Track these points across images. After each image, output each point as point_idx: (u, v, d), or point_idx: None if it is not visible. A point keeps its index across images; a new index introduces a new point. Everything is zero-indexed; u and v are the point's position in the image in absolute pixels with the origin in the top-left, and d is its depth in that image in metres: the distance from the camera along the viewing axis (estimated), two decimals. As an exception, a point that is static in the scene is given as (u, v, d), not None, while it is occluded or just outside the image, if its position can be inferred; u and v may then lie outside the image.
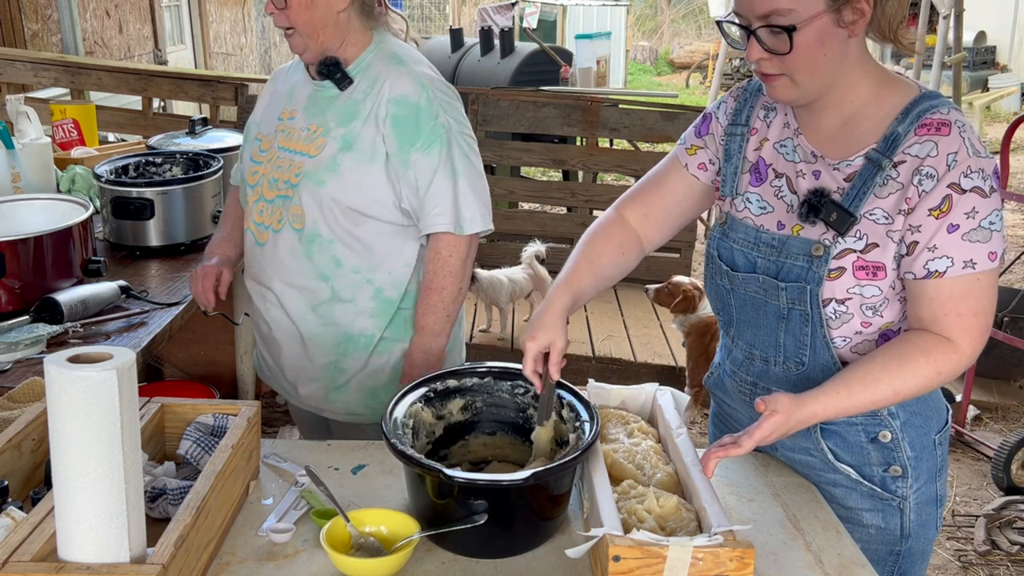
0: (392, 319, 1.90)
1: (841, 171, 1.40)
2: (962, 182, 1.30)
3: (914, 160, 1.33)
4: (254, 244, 1.93)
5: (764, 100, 1.54)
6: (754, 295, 1.49)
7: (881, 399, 1.34)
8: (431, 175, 1.79)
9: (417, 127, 1.78)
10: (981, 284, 1.32)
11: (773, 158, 1.50)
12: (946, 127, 1.33)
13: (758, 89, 1.56)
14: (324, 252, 1.84)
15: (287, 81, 1.97)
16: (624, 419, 1.53)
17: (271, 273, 1.90)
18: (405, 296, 1.90)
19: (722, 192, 1.57)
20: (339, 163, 1.79)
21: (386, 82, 1.80)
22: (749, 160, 1.53)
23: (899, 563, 1.55)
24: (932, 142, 1.32)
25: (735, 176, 1.54)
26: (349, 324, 1.88)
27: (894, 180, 1.35)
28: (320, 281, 1.86)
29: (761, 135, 1.53)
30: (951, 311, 1.33)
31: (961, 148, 1.31)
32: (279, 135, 1.89)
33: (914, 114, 1.35)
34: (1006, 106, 12.31)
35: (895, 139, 1.35)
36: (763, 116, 1.53)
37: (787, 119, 1.50)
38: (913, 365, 1.33)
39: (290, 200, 1.83)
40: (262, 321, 1.98)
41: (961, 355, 1.34)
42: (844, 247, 1.38)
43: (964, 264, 1.31)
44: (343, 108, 1.82)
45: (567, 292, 1.53)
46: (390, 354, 1.92)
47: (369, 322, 1.89)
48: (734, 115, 1.56)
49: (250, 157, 1.95)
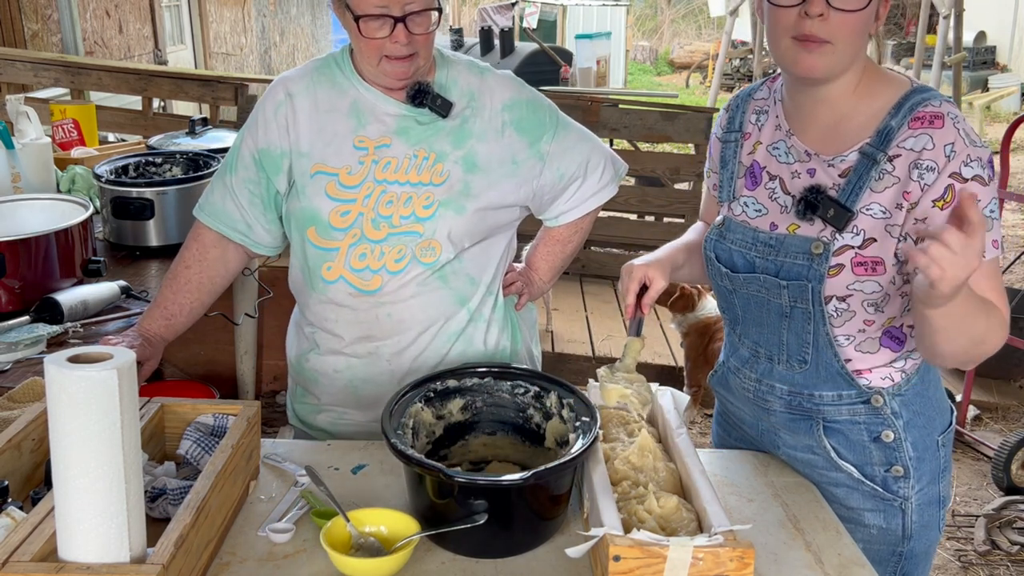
0: (509, 326, 1.81)
1: (836, 167, 1.41)
2: (963, 171, 1.32)
3: (909, 153, 1.34)
4: (355, 295, 1.66)
5: (755, 104, 1.56)
6: (756, 294, 1.49)
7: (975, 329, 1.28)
8: (573, 153, 1.75)
9: (537, 120, 1.72)
10: (991, 269, 1.34)
11: (766, 161, 1.51)
12: (939, 119, 1.34)
13: (748, 94, 1.58)
14: (459, 275, 1.70)
15: (326, 98, 1.67)
16: (624, 419, 1.53)
17: (395, 319, 1.68)
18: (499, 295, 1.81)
19: (719, 197, 1.59)
20: (471, 185, 1.65)
21: (484, 95, 1.69)
22: (744, 164, 1.55)
23: (901, 564, 1.54)
24: (927, 135, 1.33)
25: (731, 181, 1.56)
26: (482, 342, 1.77)
27: (890, 174, 1.36)
28: (458, 306, 1.71)
29: (754, 139, 1.54)
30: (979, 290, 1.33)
31: (957, 139, 1.32)
32: (372, 166, 1.64)
33: (906, 107, 1.36)
34: (1006, 106, 12.31)
35: (888, 133, 1.36)
36: (755, 120, 1.55)
37: (778, 121, 1.50)
38: (990, 311, 1.30)
39: (419, 236, 1.63)
40: (369, 382, 1.74)
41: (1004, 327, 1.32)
42: (842, 243, 1.39)
43: None
44: (451, 131, 1.66)
45: (678, 253, 1.67)
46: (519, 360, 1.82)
47: (501, 335, 1.79)
48: (728, 124, 1.59)
49: (325, 194, 1.64)
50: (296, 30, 13.98)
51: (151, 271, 2.50)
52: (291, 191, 1.69)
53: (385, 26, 1.53)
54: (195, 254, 1.74)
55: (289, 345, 1.86)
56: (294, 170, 1.67)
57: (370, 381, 1.73)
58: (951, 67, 8.25)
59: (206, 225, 1.74)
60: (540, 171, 1.72)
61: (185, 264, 1.74)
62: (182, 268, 1.74)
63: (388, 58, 1.57)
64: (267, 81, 5.39)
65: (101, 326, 2.09)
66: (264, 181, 1.70)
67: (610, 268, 5.36)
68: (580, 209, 1.80)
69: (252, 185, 1.70)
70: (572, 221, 1.82)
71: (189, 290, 1.72)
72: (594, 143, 1.80)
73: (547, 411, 1.51)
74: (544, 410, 1.52)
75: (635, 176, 5.60)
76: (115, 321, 2.12)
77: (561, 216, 1.81)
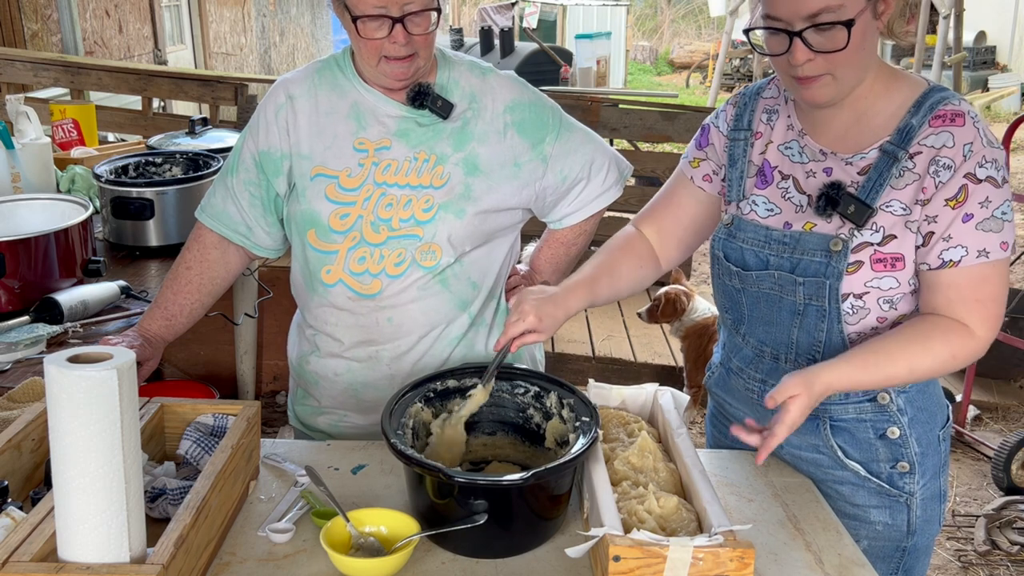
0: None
1: (855, 165, 1.41)
2: (977, 172, 1.32)
3: (930, 150, 1.35)
4: (354, 298, 1.66)
5: (765, 103, 1.55)
6: (768, 292, 1.49)
7: (896, 376, 1.35)
8: (577, 155, 1.74)
9: (540, 122, 1.70)
10: (995, 272, 1.34)
11: (778, 160, 1.50)
12: (960, 118, 1.35)
13: (757, 92, 1.57)
14: (460, 279, 1.68)
15: (327, 100, 1.66)
16: (624, 419, 1.53)
17: (395, 323, 1.67)
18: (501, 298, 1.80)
19: (728, 197, 1.57)
20: (472, 188, 1.64)
21: (486, 96, 1.67)
22: (754, 164, 1.54)
23: (904, 559, 1.56)
24: (948, 132, 1.34)
25: (741, 180, 1.55)
26: (483, 347, 1.75)
27: (910, 171, 1.36)
28: (459, 310, 1.70)
29: (765, 138, 1.53)
30: (968, 297, 1.34)
31: (976, 138, 1.33)
32: (372, 168, 1.64)
33: (927, 106, 1.37)
34: (1006, 106, 12.31)
35: (909, 131, 1.36)
36: (765, 119, 1.54)
37: (790, 121, 1.50)
38: (931, 345, 1.34)
39: (419, 239, 1.62)
40: (370, 387, 1.73)
41: (977, 341, 1.36)
42: (861, 240, 1.39)
43: (978, 253, 1.33)
44: (452, 133, 1.65)
45: (586, 296, 1.54)
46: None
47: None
48: (735, 121, 1.57)
49: (325, 196, 1.63)
50: (296, 30, 13.98)
51: (151, 271, 2.50)
52: (291, 194, 1.69)
53: (383, 26, 1.52)
54: (196, 255, 1.74)
55: (290, 347, 1.86)
56: (294, 172, 1.67)
57: (370, 385, 1.72)
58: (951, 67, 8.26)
59: (207, 226, 1.75)
60: (543, 173, 1.71)
61: (186, 265, 1.74)
62: (183, 269, 1.74)
63: (387, 59, 1.56)
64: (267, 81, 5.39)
65: (101, 326, 2.09)
66: (264, 183, 1.69)
67: (610, 268, 5.35)
68: (584, 211, 1.80)
69: (252, 187, 1.70)
70: (576, 223, 1.82)
71: (190, 291, 1.72)
72: (598, 144, 1.79)
73: (547, 411, 1.51)
74: (544, 410, 1.52)
75: (635, 176, 5.59)
76: (115, 321, 2.12)
77: (565, 218, 1.80)
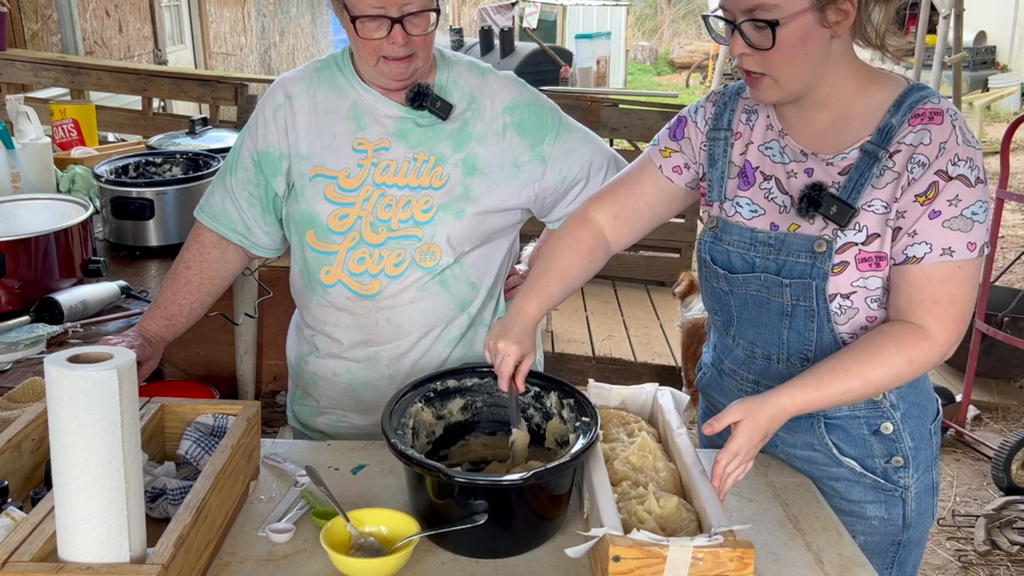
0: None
1: (835, 165, 1.41)
2: (949, 169, 1.32)
3: (909, 148, 1.35)
4: (353, 299, 1.66)
5: (745, 103, 1.54)
6: (755, 294, 1.49)
7: (853, 390, 1.34)
8: (576, 155, 1.73)
9: (539, 122, 1.70)
10: (960, 273, 1.33)
11: (759, 161, 1.50)
12: (939, 116, 1.35)
13: (737, 92, 1.56)
14: (459, 279, 1.68)
15: (326, 100, 1.66)
16: (624, 419, 1.53)
17: (394, 323, 1.67)
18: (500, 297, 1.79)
19: (708, 197, 1.56)
20: (471, 189, 1.64)
21: (485, 96, 1.67)
22: (735, 165, 1.53)
23: (899, 552, 1.57)
24: (926, 130, 1.34)
25: (722, 181, 1.54)
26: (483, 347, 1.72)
27: (891, 170, 1.36)
28: (458, 310, 1.70)
29: (745, 139, 1.53)
30: (927, 297, 1.33)
31: (951, 136, 1.33)
32: (371, 169, 1.63)
33: (906, 105, 1.37)
34: (1006, 106, 12.31)
35: (889, 130, 1.36)
36: (745, 119, 1.53)
37: (769, 120, 1.50)
38: (884, 355, 1.33)
39: (418, 240, 1.62)
40: (368, 387, 1.73)
41: (933, 343, 1.33)
42: (845, 241, 1.39)
43: (942, 251, 1.32)
44: (451, 133, 1.65)
45: (538, 303, 1.52)
46: None
47: None
48: (714, 120, 1.55)
49: (324, 197, 1.63)
50: (296, 30, 13.98)
51: (151, 271, 2.50)
52: (290, 194, 1.69)
53: (382, 27, 1.52)
54: (195, 255, 1.74)
55: (289, 347, 1.86)
56: (293, 172, 1.67)
57: (369, 385, 1.72)
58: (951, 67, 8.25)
59: (206, 226, 1.75)
60: (542, 174, 1.71)
61: (185, 265, 1.74)
62: (182, 268, 1.74)
63: (386, 59, 1.56)
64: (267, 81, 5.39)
65: (101, 326, 2.09)
66: (263, 183, 1.69)
67: (610, 268, 5.33)
68: None
69: (251, 187, 1.70)
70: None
71: (189, 291, 1.72)
72: (597, 145, 1.79)
73: (547, 411, 1.51)
74: (544, 410, 1.52)
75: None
76: (115, 321, 2.12)
77: (564, 219, 1.80)
